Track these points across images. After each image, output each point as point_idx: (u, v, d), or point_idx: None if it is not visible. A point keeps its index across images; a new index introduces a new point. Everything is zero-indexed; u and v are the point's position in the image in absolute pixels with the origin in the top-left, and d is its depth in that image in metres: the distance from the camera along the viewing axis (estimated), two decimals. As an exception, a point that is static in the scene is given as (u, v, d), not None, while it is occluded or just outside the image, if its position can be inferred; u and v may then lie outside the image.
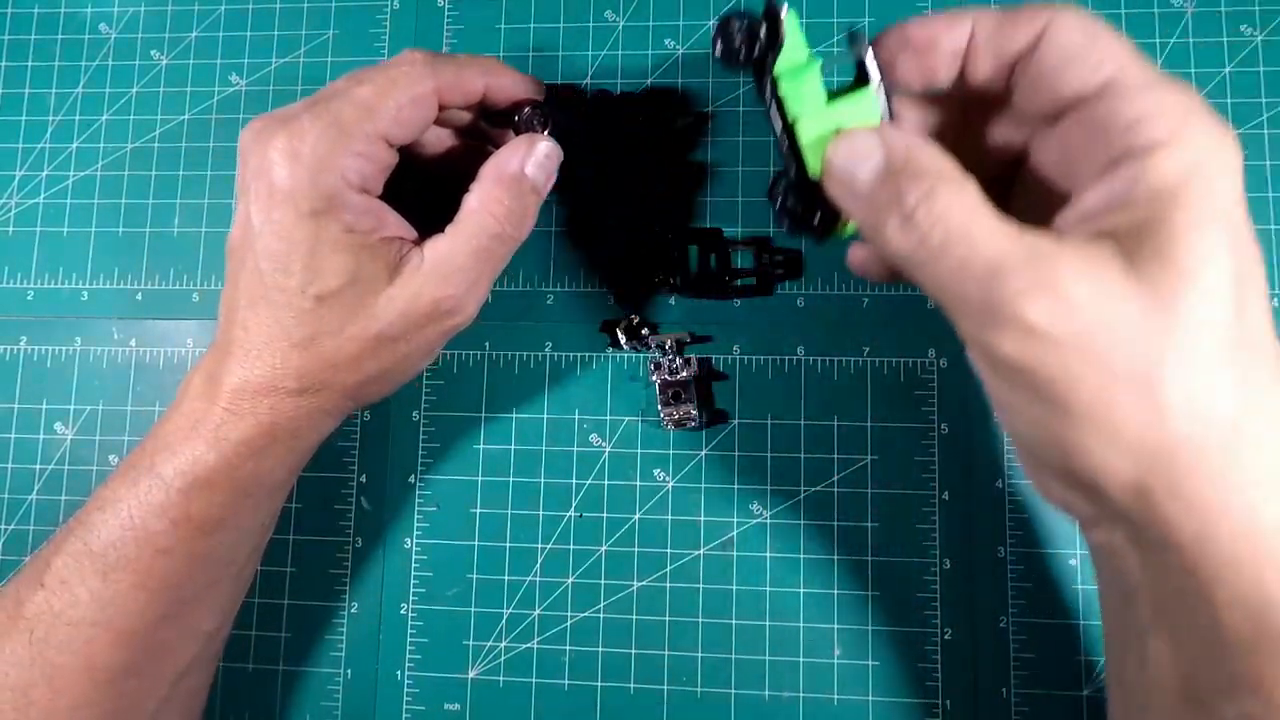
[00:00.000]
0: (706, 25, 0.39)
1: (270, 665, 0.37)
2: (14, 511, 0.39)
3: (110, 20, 0.42)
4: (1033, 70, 0.23)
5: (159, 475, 0.28)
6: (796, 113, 0.25)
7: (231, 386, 0.29)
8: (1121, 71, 0.22)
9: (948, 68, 0.25)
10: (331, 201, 0.28)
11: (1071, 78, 0.23)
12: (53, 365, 0.39)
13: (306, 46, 0.40)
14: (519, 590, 0.37)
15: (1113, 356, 0.20)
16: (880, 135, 0.24)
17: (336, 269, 0.28)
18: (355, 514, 0.38)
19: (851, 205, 0.24)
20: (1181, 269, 0.20)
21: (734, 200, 0.38)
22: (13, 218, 0.40)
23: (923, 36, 0.25)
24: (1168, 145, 0.21)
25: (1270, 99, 0.37)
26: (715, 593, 0.36)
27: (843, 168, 0.24)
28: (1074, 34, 0.23)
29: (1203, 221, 0.20)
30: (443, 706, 0.36)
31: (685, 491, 0.37)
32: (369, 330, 0.29)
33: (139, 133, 0.41)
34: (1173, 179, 0.20)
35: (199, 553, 0.29)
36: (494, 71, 0.31)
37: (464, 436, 0.38)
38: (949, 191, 0.22)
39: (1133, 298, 0.20)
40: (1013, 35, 0.24)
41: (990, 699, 0.35)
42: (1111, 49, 0.22)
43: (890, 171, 0.23)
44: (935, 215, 0.22)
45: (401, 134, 0.29)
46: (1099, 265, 0.20)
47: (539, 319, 0.38)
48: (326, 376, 0.29)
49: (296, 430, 0.30)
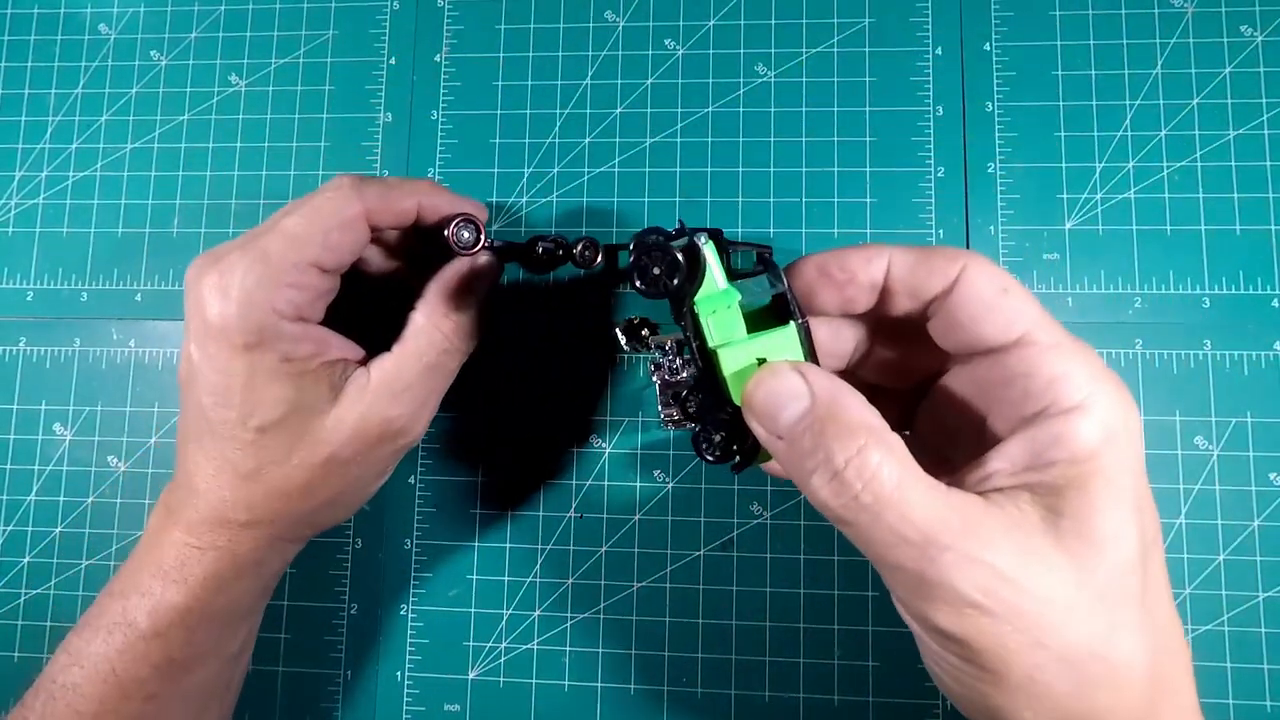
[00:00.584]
0: (707, 25, 0.39)
1: (270, 666, 0.37)
2: (13, 512, 0.39)
3: (110, 20, 0.42)
4: (948, 314, 0.24)
5: (133, 624, 0.28)
6: (717, 342, 0.25)
7: (187, 520, 0.29)
8: (1034, 328, 0.23)
9: (866, 298, 0.26)
10: (263, 334, 0.27)
11: (986, 328, 0.24)
12: (52, 366, 0.39)
13: (306, 47, 0.40)
14: (519, 591, 0.37)
15: (1045, 631, 0.21)
16: (805, 378, 0.23)
17: (275, 399, 0.28)
18: (355, 515, 0.38)
19: (773, 446, 0.24)
20: (1098, 545, 0.22)
21: (734, 200, 0.38)
22: (12, 218, 0.40)
23: (841, 271, 0.25)
24: (1083, 411, 0.22)
25: (1270, 99, 0.37)
26: (715, 593, 0.36)
27: (765, 407, 0.23)
28: (987, 286, 0.24)
29: (1115, 494, 0.22)
30: (443, 707, 0.36)
31: (685, 491, 0.37)
32: (317, 455, 0.29)
33: (139, 133, 0.40)
34: (1089, 445, 0.22)
35: (185, 689, 0.29)
36: (427, 192, 0.31)
37: (464, 437, 0.38)
38: (880, 451, 0.22)
39: (1060, 569, 0.21)
40: (928, 279, 0.24)
41: (991, 699, 0.35)
42: (1022, 305, 0.24)
43: (816, 418, 0.22)
44: (866, 477, 0.21)
45: (332, 260, 0.29)
46: (1028, 537, 0.22)
47: (538, 319, 0.38)
48: (278, 506, 0.29)
49: (259, 559, 0.30)
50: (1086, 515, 0.22)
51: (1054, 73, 0.38)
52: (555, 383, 0.38)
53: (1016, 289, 0.24)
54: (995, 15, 0.38)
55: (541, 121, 0.39)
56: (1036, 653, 0.21)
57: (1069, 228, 0.37)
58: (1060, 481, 0.22)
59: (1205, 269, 0.36)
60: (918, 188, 0.38)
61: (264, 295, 0.27)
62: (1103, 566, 0.21)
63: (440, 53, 0.40)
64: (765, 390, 0.24)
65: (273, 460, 0.28)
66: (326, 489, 0.29)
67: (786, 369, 0.23)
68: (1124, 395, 0.23)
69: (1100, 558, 0.21)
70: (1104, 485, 0.22)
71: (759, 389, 0.24)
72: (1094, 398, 0.22)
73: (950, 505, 0.21)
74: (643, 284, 0.25)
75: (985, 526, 0.21)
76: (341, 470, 0.29)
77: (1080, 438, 0.22)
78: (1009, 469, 0.23)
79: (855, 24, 0.39)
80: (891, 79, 0.38)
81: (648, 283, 0.25)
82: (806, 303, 0.26)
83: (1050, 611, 0.21)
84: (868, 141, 0.38)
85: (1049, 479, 0.22)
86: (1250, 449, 0.35)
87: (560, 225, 0.38)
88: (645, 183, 0.38)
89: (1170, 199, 0.37)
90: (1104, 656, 0.21)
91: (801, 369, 0.23)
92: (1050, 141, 0.37)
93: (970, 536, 0.21)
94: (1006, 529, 0.21)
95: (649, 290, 0.25)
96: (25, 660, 0.37)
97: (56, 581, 0.38)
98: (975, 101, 0.38)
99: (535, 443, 0.37)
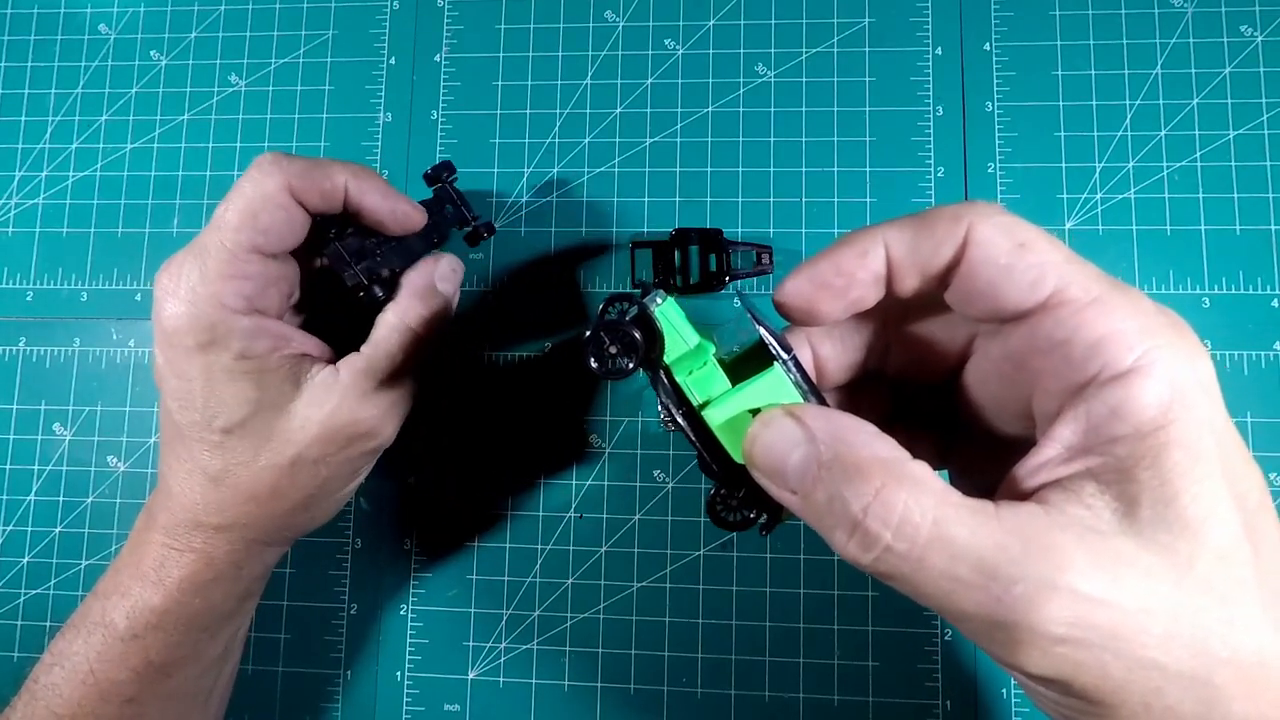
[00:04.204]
0: (707, 25, 0.39)
1: (270, 666, 0.37)
2: (12, 512, 0.39)
3: (110, 20, 0.42)
4: (962, 284, 0.21)
5: (112, 625, 0.28)
6: (700, 401, 0.23)
7: (163, 523, 0.29)
8: (1065, 283, 0.19)
9: (873, 293, 0.22)
10: (215, 331, 0.27)
11: (1007, 292, 0.20)
12: (51, 366, 0.39)
13: (306, 46, 0.40)
14: (519, 591, 0.37)
15: (1152, 648, 0.18)
16: (801, 421, 0.20)
17: (237, 399, 0.28)
18: (355, 515, 0.38)
19: (790, 503, 0.21)
20: (1191, 529, 0.18)
21: (734, 200, 0.38)
22: (12, 218, 0.40)
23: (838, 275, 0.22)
24: (1140, 372, 0.18)
25: (1270, 99, 0.37)
26: (715, 593, 0.36)
27: (766, 462, 0.21)
28: (1000, 242, 0.20)
29: (1199, 463, 0.18)
30: (443, 707, 0.36)
31: (685, 492, 0.37)
32: (284, 455, 0.28)
33: (139, 133, 0.40)
34: (1154, 412, 0.18)
35: (165, 693, 0.29)
36: (357, 174, 0.29)
37: (464, 437, 0.38)
38: (903, 489, 0.18)
39: (1152, 571, 0.18)
40: (934, 251, 0.21)
41: (990, 699, 0.35)
42: (1044, 255, 0.20)
43: (822, 465, 0.19)
44: (894, 521, 0.18)
45: (270, 242, 0.28)
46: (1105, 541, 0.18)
47: (538, 318, 0.38)
48: (250, 509, 0.29)
49: (237, 562, 0.29)
50: (1169, 497, 0.18)
51: (1054, 73, 0.38)
52: (555, 383, 0.38)
53: (1036, 239, 0.20)
54: (995, 15, 0.38)
55: (541, 121, 0.39)
56: (1149, 675, 0.18)
57: (1069, 228, 0.37)
58: (1128, 461, 0.18)
59: (1205, 269, 0.36)
60: (918, 188, 0.38)
61: (208, 290, 0.27)
62: (1202, 555, 0.18)
63: (440, 53, 0.40)
64: (762, 445, 0.21)
65: (239, 461, 0.28)
66: (296, 491, 0.29)
67: (779, 416, 0.21)
68: (1186, 340, 0.19)
69: (1196, 545, 0.18)
70: (1183, 456, 0.18)
71: (755, 444, 0.21)
72: (1151, 354, 0.18)
73: (1005, 528, 0.18)
74: (601, 368, 0.22)
75: (1052, 542, 0.18)
76: (310, 471, 0.29)
77: (1143, 405, 0.18)
78: (1063, 454, 0.19)
79: (855, 24, 0.39)
80: (891, 79, 0.38)
81: (607, 368, 0.22)
82: (810, 318, 0.23)
83: (1153, 623, 0.18)
84: (868, 141, 0.38)
85: (1114, 460, 0.18)
86: (1251, 449, 0.35)
87: (560, 225, 0.38)
88: (645, 182, 0.38)
89: (1170, 199, 0.37)
90: (1228, 660, 0.18)
91: (796, 411, 0.21)
92: (1050, 141, 0.37)
93: (1038, 560, 0.18)
94: (1078, 538, 0.18)
95: (610, 377, 0.22)
96: (25, 660, 0.37)
97: (56, 581, 0.38)
98: (975, 101, 0.38)
99: (535, 442, 0.37)
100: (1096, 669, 0.18)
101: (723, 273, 0.36)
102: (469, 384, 0.38)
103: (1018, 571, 0.18)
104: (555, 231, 0.38)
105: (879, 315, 0.25)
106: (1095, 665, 0.18)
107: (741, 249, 0.37)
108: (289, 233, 0.29)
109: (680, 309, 0.23)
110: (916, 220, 0.21)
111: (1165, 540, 0.18)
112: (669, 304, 0.23)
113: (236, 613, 0.31)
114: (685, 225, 0.37)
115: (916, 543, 0.18)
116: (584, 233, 0.38)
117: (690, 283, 0.36)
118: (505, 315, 0.38)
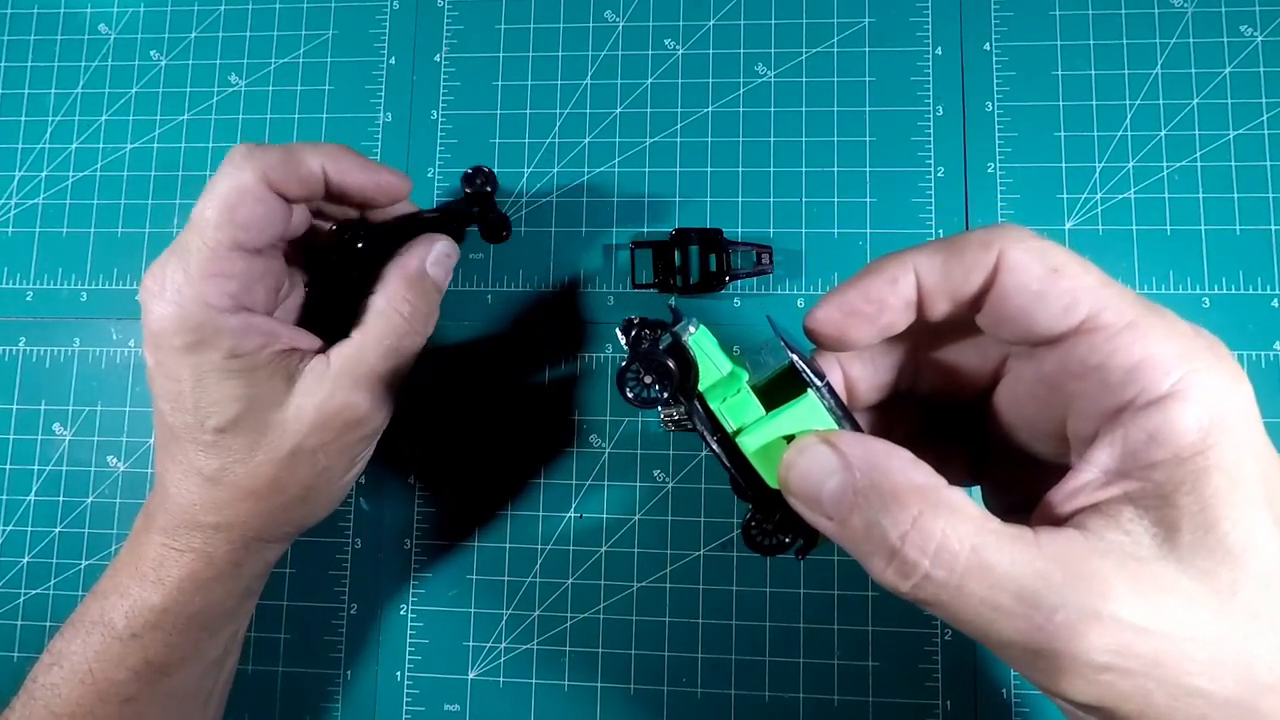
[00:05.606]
0: (707, 25, 0.39)
1: (270, 666, 0.37)
2: (12, 512, 0.39)
3: (110, 20, 0.42)
4: (994, 309, 0.21)
5: (110, 625, 0.28)
6: (735, 428, 0.23)
7: (162, 524, 0.29)
8: (1100, 308, 0.19)
9: (904, 319, 0.22)
10: (202, 331, 0.27)
11: (1041, 318, 0.20)
12: (51, 366, 0.39)
13: (306, 46, 0.40)
14: (519, 591, 0.37)
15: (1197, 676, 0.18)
16: (837, 448, 0.20)
17: (229, 397, 0.27)
18: (355, 514, 0.38)
19: (827, 530, 0.21)
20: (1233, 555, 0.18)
21: (734, 200, 0.38)
22: (12, 218, 0.40)
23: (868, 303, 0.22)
24: (1178, 398, 0.18)
25: (1270, 99, 0.37)
26: (715, 593, 0.36)
27: (802, 490, 0.21)
28: (1032, 267, 0.20)
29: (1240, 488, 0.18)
30: (443, 707, 0.36)
31: (685, 491, 0.37)
32: (281, 448, 0.28)
33: (139, 133, 0.40)
34: (1193, 437, 0.18)
35: (164, 692, 0.29)
36: (335, 155, 0.29)
37: (463, 437, 0.38)
38: (941, 515, 0.19)
39: (1195, 598, 0.18)
40: (964, 278, 0.21)
41: (990, 699, 0.35)
42: (1077, 279, 0.20)
43: (858, 492, 0.20)
44: (931, 549, 0.18)
45: (251, 237, 0.27)
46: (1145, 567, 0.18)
47: (538, 318, 0.38)
48: (249, 506, 0.29)
49: (236, 561, 0.29)
50: (1210, 523, 0.18)
51: (1054, 73, 0.38)
52: (555, 382, 0.38)
53: (1069, 263, 0.20)
54: (995, 15, 0.38)
55: (541, 121, 0.39)
56: (1194, 703, 0.18)
57: (1069, 228, 0.37)
58: (1167, 486, 0.18)
59: (1205, 269, 0.36)
60: (918, 188, 0.38)
61: (193, 290, 0.27)
62: (1245, 581, 0.18)
63: (440, 53, 0.40)
64: (797, 472, 0.21)
65: (235, 459, 0.28)
66: (295, 483, 0.29)
67: (814, 443, 0.21)
68: (1225, 363, 0.19)
69: (1239, 571, 0.18)
70: (1224, 481, 0.18)
71: (791, 471, 0.21)
72: (1189, 378, 0.18)
73: (1045, 555, 0.18)
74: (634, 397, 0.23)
75: (1093, 569, 0.18)
76: (308, 461, 0.29)
77: (1181, 429, 0.18)
78: (1100, 479, 0.19)
79: (855, 24, 0.39)
80: (891, 79, 0.38)
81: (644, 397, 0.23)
82: (841, 344, 0.23)
83: (1197, 651, 0.18)
84: (868, 141, 0.38)
85: (1153, 485, 0.18)
86: (1250, 449, 0.35)
87: (560, 225, 0.38)
88: (645, 182, 0.38)
89: (1170, 199, 0.37)
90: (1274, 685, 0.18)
91: (831, 439, 0.21)
92: (1050, 141, 0.37)
93: (1079, 587, 0.18)
94: (1118, 565, 0.18)
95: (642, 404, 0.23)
96: (25, 660, 0.37)
97: (56, 581, 0.38)
98: (975, 101, 0.38)
99: (535, 442, 0.37)
100: (1140, 697, 0.18)
101: (723, 273, 0.36)
102: (469, 384, 0.38)
103: (1059, 599, 0.18)
104: (555, 231, 0.38)
105: (910, 337, 0.25)
106: (1139, 694, 0.18)
107: (741, 249, 0.37)
108: (270, 225, 0.28)
109: (713, 337, 0.23)
110: (946, 245, 0.21)
111: (1207, 566, 0.18)
112: (702, 332, 0.23)
113: (236, 612, 0.31)
114: (685, 225, 0.37)
115: (955, 570, 0.18)
116: (584, 233, 0.38)
117: (690, 283, 0.36)
118: (505, 315, 0.38)
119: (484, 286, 0.38)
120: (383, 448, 0.37)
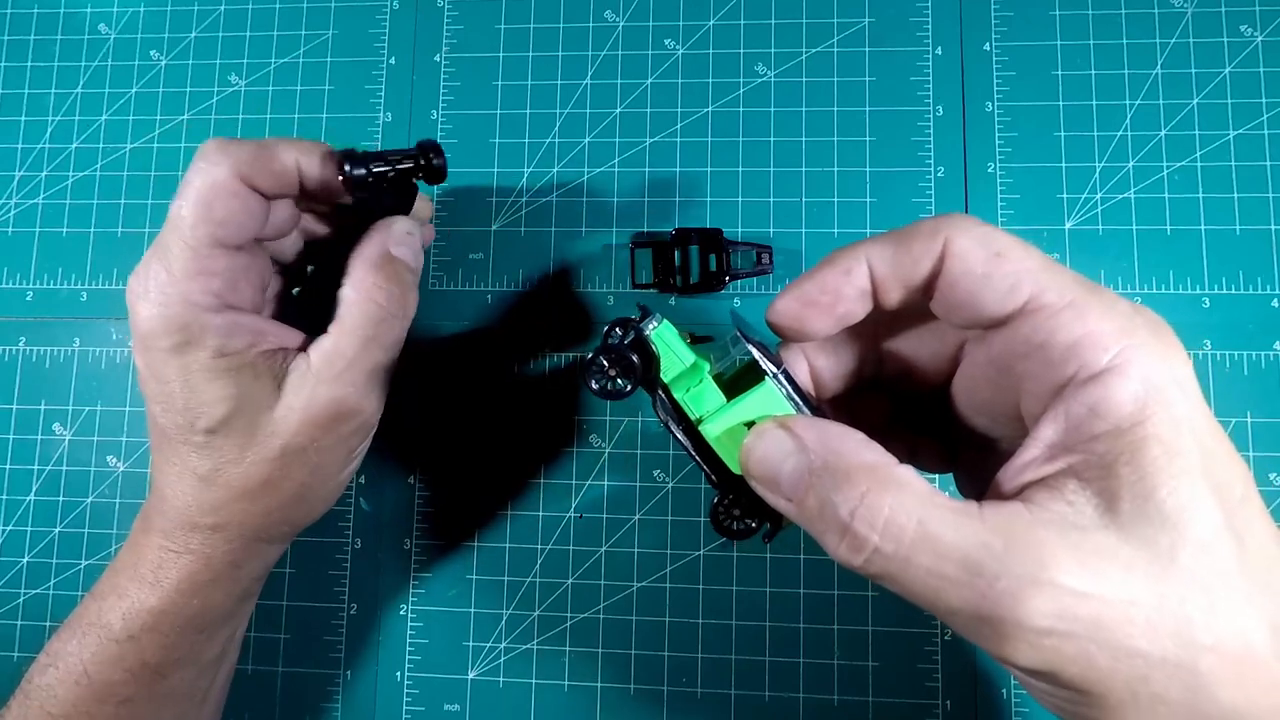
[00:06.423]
0: (707, 25, 0.39)
1: (269, 666, 0.37)
2: (12, 512, 0.39)
3: (110, 20, 0.42)
4: (945, 294, 0.22)
5: (107, 626, 0.28)
6: (698, 415, 0.24)
7: (159, 527, 0.29)
8: (1040, 289, 0.20)
9: (860, 306, 0.23)
10: (189, 331, 0.27)
11: (987, 300, 0.21)
12: (51, 366, 0.39)
13: (306, 46, 0.40)
14: (519, 591, 0.37)
15: (1135, 637, 0.18)
16: (792, 431, 0.22)
17: (218, 398, 0.27)
18: (355, 514, 0.38)
19: (788, 511, 0.22)
20: (1171, 521, 0.19)
21: (734, 200, 0.38)
22: (12, 218, 0.40)
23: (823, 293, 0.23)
24: (1116, 371, 0.19)
25: (1270, 99, 0.37)
26: (715, 593, 0.36)
27: (762, 473, 0.22)
28: (975, 252, 0.21)
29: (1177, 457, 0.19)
30: (442, 707, 0.36)
31: (685, 492, 0.37)
32: (271, 448, 0.28)
33: (139, 133, 0.40)
34: (1130, 408, 0.19)
35: (161, 694, 0.29)
36: (308, 150, 0.29)
37: (463, 437, 0.38)
38: (888, 492, 0.19)
39: (1134, 564, 0.18)
40: (914, 266, 0.22)
41: (990, 699, 0.35)
42: (1019, 262, 0.21)
43: (813, 473, 0.21)
44: (880, 523, 0.19)
45: (231, 233, 0.27)
46: (1086, 535, 0.19)
47: (538, 318, 0.38)
48: (244, 506, 0.28)
49: (235, 561, 0.29)
50: (1148, 491, 0.19)
51: (1054, 73, 0.38)
52: (555, 382, 0.38)
53: (1012, 248, 0.21)
54: (995, 15, 0.38)
55: (541, 121, 0.39)
56: (1134, 663, 0.18)
57: (1069, 228, 0.37)
58: (1108, 457, 0.19)
59: (1205, 269, 0.36)
60: (918, 188, 0.38)
61: (176, 290, 0.27)
62: (1183, 546, 0.18)
63: (440, 53, 0.40)
64: (756, 456, 0.22)
65: (228, 460, 0.28)
66: (289, 482, 0.29)
67: (771, 428, 0.22)
68: (1162, 339, 0.20)
69: (1177, 536, 0.18)
70: (1160, 451, 0.19)
71: (750, 455, 0.22)
72: (1126, 353, 0.19)
73: (988, 526, 0.19)
74: (602, 389, 0.24)
75: (1035, 539, 0.19)
76: (301, 460, 0.29)
77: (1119, 402, 0.19)
78: (1045, 453, 0.20)
79: (855, 24, 0.39)
80: (891, 79, 0.38)
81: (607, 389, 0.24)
82: (801, 334, 0.24)
83: (1136, 613, 0.18)
84: (868, 141, 0.38)
85: (1094, 456, 0.19)
86: (1250, 449, 0.35)
87: (560, 225, 0.38)
88: (645, 182, 0.38)
89: (1170, 199, 0.37)
90: (1212, 646, 0.18)
91: (788, 423, 0.22)
92: (1050, 141, 0.37)
93: (1021, 556, 0.18)
94: (1060, 534, 0.19)
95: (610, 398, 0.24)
96: (24, 660, 0.37)
97: (56, 581, 0.38)
98: (975, 101, 0.38)
99: (535, 442, 0.37)
100: (1083, 659, 0.18)
101: (723, 273, 0.36)
102: (469, 384, 0.38)
103: (1001, 567, 0.18)
104: (555, 231, 0.38)
105: (870, 327, 0.25)
106: (1081, 656, 0.18)
107: (741, 249, 0.37)
108: (248, 220, 0.28)
109: (675, 331, 0.25)
110: (896, 236, 0.22)
111: (1146, 533, 0.19)
112: (664, 327, 0.25)
113: (234, 614, 0.31)
114: (685, 225, 0.37)
115: (903, 543, 0.19)
116: (584, 233, 0.38)
117: (690, 283, 0.36)
118: (505, 315, 0.38)
119: (484, 286, 0.38)
120: (383, 448, 0.37)
